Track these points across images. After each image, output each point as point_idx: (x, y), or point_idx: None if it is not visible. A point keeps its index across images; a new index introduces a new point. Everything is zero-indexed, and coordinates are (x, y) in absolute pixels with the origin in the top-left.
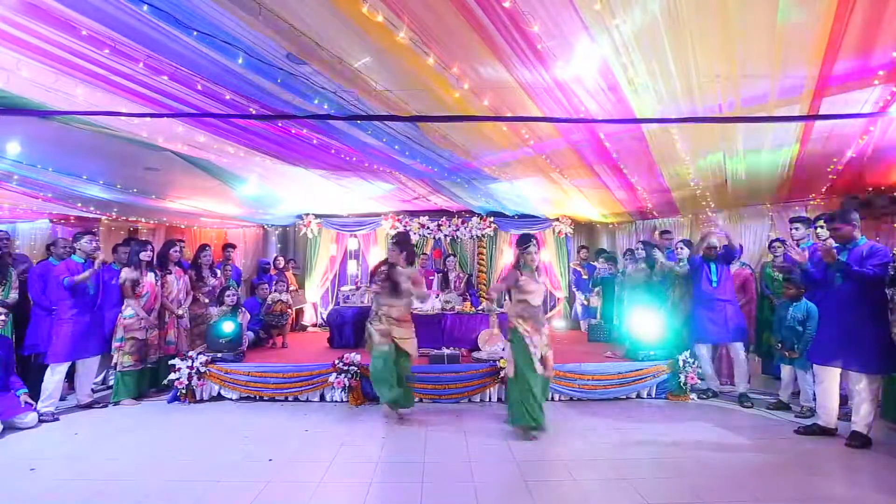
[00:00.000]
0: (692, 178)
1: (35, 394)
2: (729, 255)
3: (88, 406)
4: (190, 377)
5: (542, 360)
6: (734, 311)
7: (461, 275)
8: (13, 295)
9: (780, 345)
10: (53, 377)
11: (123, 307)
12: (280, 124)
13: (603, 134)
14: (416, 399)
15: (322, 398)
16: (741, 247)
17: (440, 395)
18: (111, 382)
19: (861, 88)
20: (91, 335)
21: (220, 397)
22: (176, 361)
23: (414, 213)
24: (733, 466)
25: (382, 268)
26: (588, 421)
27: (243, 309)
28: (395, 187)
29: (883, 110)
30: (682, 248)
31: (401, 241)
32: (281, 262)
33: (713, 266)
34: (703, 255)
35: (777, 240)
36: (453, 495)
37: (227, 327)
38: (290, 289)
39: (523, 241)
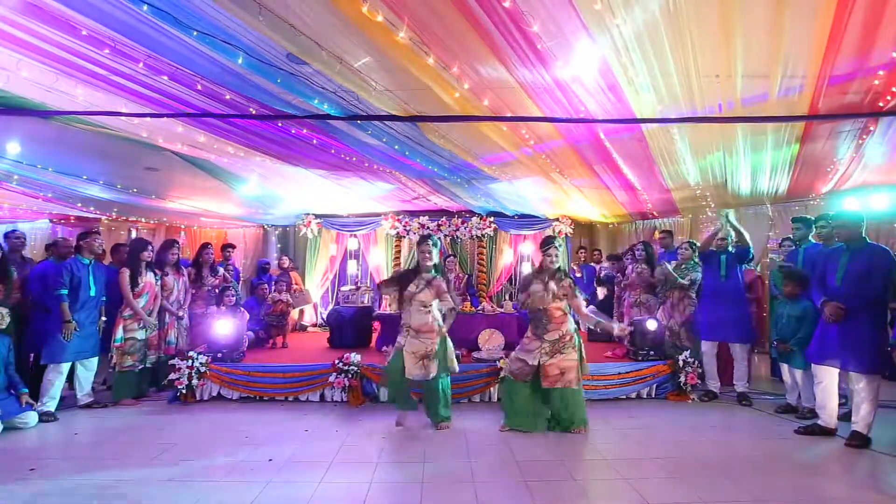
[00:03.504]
0: (692, 179)
1: (35, 394)
2: (742, 253)
3: (88, 406)
4: (190, 377)
5: (540, 369)
6: (742, 310)
7: (461, 275)
8: (15, 295)
9: (775, 341)
10: (53, 377)
11: (123, 307)
12: (280, 124)
13: (603, 134)
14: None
15: (322, 398)
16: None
17: None
18: (111, 382)
19: (861, 88)
20: (89, 336)
21: (220, 397)
22: (176, 361)
23: (414, 213)
24: (733, 466)
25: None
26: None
27: (242, 309)
28: (395, 187)
29: (883, 110)
30: (685, 250)
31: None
32: (286, 262)
33: (723, 259)
34: (715, 247)
35: (787, 238)
36: (453, 495)
37: (222, 327)
38: (295, 288)
39: (544, 243)
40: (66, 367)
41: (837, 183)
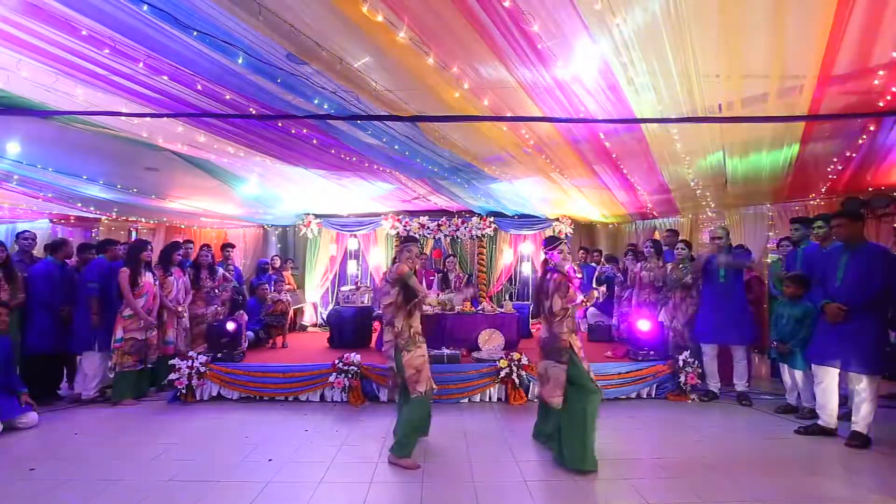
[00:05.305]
0: (692, 178)
1: (35, 394)
2: (740, 257)
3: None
4: (190, 377)
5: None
6: (742, 312)
7: (461, 275)
8: (21, 296)
9: (774, 342)
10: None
11: (122, 307)
12: (280, 124)
13: (603, 134)
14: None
15: (322, 398)
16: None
17: (440, 395)
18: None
19: (861, 88)
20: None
21: (220, 397)
22: (176, 361)
23: (414, 213)
24: (733, 466)
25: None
26: None
27: (241, 311)
28: (395, 187)
29: (883, 110)
30: (682, 249)
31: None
32: (277, 261)
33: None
34: (714, 250)
35: (785, 239)
36: (453, 495)
37: (230, 326)
38: (287, 289)
39: (551, 242)
40: (95, 355)
41: (837, 183)
